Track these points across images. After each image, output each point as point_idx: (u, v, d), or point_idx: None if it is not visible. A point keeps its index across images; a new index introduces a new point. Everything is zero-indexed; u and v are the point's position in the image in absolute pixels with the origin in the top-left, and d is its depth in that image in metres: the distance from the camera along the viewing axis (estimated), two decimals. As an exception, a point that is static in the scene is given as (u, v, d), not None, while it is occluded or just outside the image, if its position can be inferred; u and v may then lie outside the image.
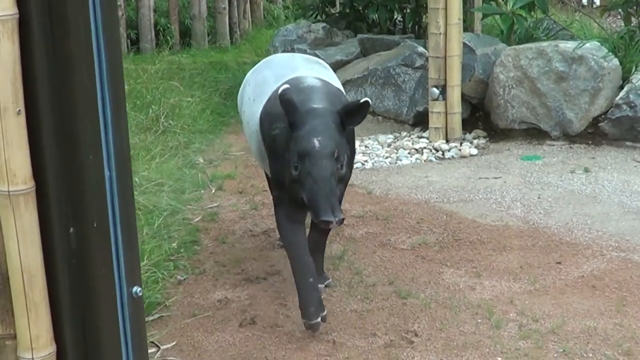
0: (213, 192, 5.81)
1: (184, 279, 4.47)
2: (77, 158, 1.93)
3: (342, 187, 3.69)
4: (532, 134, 6.71)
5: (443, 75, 6.65)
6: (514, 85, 6.66)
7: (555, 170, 6.01)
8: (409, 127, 7.22)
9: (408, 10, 8.41)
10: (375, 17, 8.52)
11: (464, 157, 6.50)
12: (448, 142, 6.71)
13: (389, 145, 6.82)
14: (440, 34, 6.57)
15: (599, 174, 5.89)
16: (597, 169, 5.99)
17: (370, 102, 3.66)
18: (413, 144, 6.76)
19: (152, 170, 5.89)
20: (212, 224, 5.22)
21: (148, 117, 7.04)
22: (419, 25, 8.49)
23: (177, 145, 6.62)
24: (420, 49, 7.26)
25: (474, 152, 6.56)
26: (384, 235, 4.96)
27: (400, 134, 7.09)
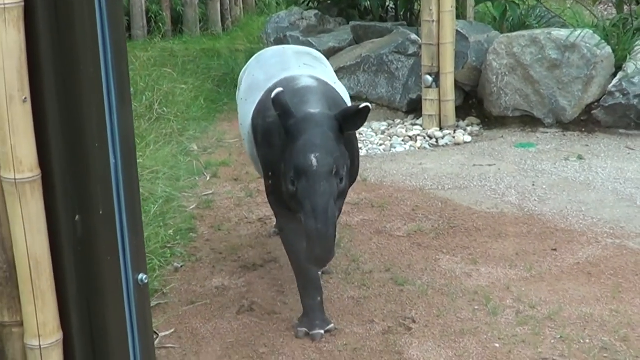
0: (208, 179, 5.81)
1: (181, 267, 4.48)
2: (82, 146, 1.93)
3: (341, 201, 3.53)
4: (525, 122, 6.72)
5: (436, 63, 6.65)
6: (507, 73, 6.67)
7: (549, 158, 6.03)
8: (403, 114, 7.23)
9: (400, -2, 8.42)
10: (368, 4, 8.52)
11: (458, 144, 6.51)
12: (442, 129, 6.71)
13: (383, 133, 6.83)
14: (433, 22, 6.57)
15: (593, 162, 5.91)
16: (590, 157, 6.01)
17: (370, 106, 3.41)
18: (407, 132, 6.77)
19: (146, 158, 5.88)
20: (207, 212, 5.22)
21: (142, 104, 7.03)
22: (412, 13, 8.50)
23: (171, 133, 6.61)
24: (413, 37, 7.26)
25: (468, 139, 6.57)
26: (380, 223, 4.97)
27: (394, 122, 7.10)
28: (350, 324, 3.86)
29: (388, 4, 8.79)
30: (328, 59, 4.74)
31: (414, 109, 7.13)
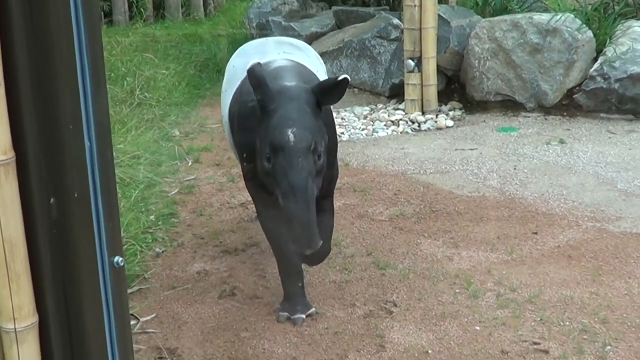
0: (190, 164, 5.79)
1: (162, 252, 4.47)
2: (57, 129, 1.91)
3: (319, 180, 3.34)
4: (507, 106, 6.73)
5: (418, 47, 6.64)
6: (489, 57, 6.67)
7: (531, 142, 6.04)
8: (385, 99, 7.22)
9: (382, -18, 8.40)
10: (350, -11, 8.51)
11: (440, 128, 6.51)
12: (424, 114, 6.72)
13: (365, 117, 6.83)
14: (415, 6, 6.56)
15: (574, 145, 5.92)
16: (572, 140, 6.03)
17: (349, 78, 3.32)
18: (389, 116, 6.77)
19: (128, 143, 5.86)
20: (189, 197, 5.21)
21: (123, 89, 7.01)
22: (394, -3, 8.48)
23: (152, 118, 6.59)
24: (395, 21, 7.25)
25: (450, 123, 6.58)
26: (362, 207, 4.97)
27: (376, 106, 7.09)
28: (332, 308, 3.86)
29: (370, -11, 8.77)
30: (310, 44, 4.71)
31: (397, 94, 7.13)
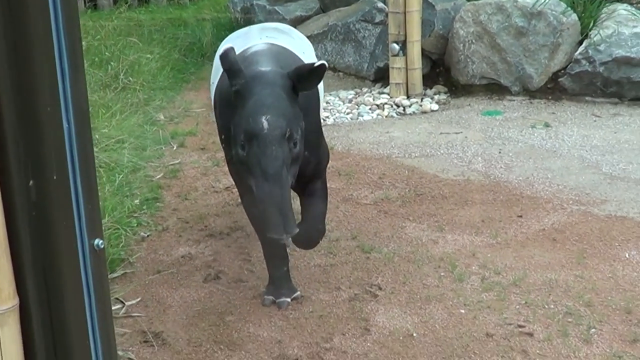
0: (174, 149, 5.77)
1: (147, 236, 4.45)
2: (35, 110, 1.89)
3: (295, 167, 3.27)
4: (492, 89, 6.73)
5: (403, 31, 6.63)
6: (474, 41, 6.66)
7: (516, 125, 6.04)
8: (370, 83, 7.21)
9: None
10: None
11: (425, 112, 6.51)
12: (409, 97, 6.71)
13: (350, 101, 6.81)
14: (401, -11, 6.55)
15: (559, 129, 5.92)
16: (557, 124, 6.03)
17: (326, 64, 3.23)
18: (374, 100, 6.76)
19: (112, 128, 5.84)
20: (174, 181, 5.19)
21: (107, 74, 6.98)
22: (379, -19, 8.45)
23: (137, 102, 6.56)
24: (380, 5, 7.24)
25: (435, 107, 6.57)
26: (347, 191, 4.96)
27: (361, 90, 7.08)
28: (317, 291, 3.86)
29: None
30: (295, 28, 4.68)
31: (381, 78, 7.12)
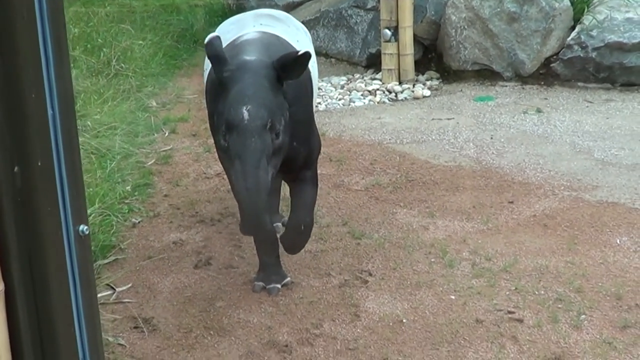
0: (166, 135, 5.76)
1: (139, 222, 4.45)
2: (19, 96, 1.88)
3: (278, 159, 3.19)
4: (484, 75, 6.73)
5: (395, 17, 6.62)
6: (466, 27, 6.65)
7: (508, 111, 6.03)
8: (362, 68, 7.21)
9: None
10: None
11: (417, 98, 6.50)
12: (401, 83, 6.70)
13: (342, 87, 6.81)
14: (393, -25, 6.54)
15: (551, 115, 5.92)
16: (549, 110, 6.03)
17: (310, 52, 3.20)
18: (366, 86, 6.75)
19: (104, 114, 5.83)
20: (165, 167, 5.19)
21: (99, 60, 6.96)
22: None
23: (129, 89, 6.55)
24: (373, -9, 7.23)
25: (427, 93, 6.57)
26: (338, 177, 4.96)
27: (353, 76, 7.07)
28: (307, 277, 3.86)
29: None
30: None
31: (373, 64, 7.11)
